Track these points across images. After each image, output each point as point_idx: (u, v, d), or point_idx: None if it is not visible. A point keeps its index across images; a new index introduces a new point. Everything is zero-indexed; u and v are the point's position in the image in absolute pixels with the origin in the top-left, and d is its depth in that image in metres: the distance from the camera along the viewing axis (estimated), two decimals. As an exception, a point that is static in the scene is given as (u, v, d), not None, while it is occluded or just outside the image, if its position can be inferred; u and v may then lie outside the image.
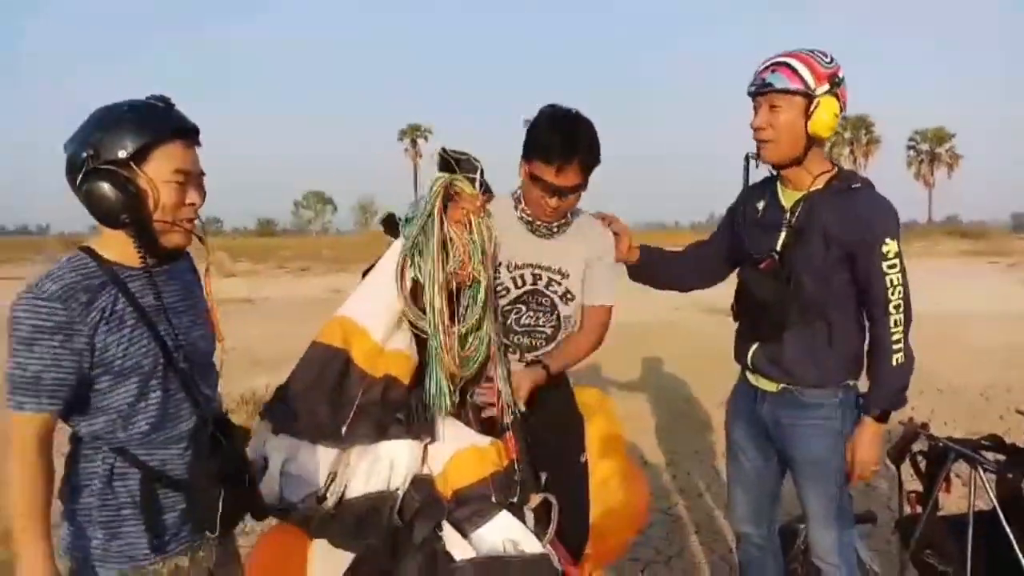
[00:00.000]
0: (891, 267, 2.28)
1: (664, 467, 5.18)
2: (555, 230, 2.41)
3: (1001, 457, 2.47)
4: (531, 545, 2.07)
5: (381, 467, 2.18)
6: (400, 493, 2.15)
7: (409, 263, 2.21)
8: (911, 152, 67.67)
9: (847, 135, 63.79)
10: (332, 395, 2.18)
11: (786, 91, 2.29)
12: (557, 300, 2.43)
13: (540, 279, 2.42)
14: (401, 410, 2.20)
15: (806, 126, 2.29)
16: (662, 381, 7.81)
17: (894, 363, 2.31)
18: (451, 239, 2.18)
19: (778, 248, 2.40)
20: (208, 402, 1.83)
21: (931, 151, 66.64)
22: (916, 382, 2.39)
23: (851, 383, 2.45)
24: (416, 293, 2.23)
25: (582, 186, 2.32)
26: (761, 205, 2.52)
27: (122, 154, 1.62)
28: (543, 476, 2.32)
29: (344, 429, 2.16)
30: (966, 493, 2.52)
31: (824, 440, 2.42)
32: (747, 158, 2.49)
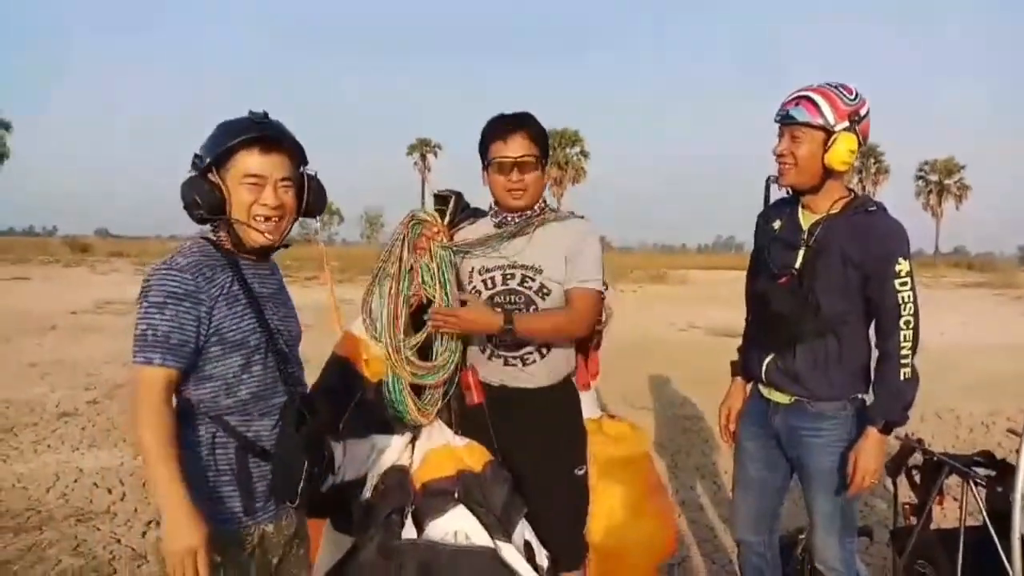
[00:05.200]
0: (903, 285, 2.39)
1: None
2: (526, 223, 2.51)
3: (992, 472, 2.56)
4: (481, 539, 2.27)
5: (372, 457, 2.45)
6: (371, 479, 2.42)
7: (375, 286, 2.52)
8: (920, 182, 67.81)
9: (856, 163, 63.90)
10: (336, 396, 2.50)
11: (807, 125, 2.41)
12: (532, 295, 2.49)
13: (512, 278, 2.50)
14: (389, 409, 2.48)
15: (823, 158, 2.42)
16: (668, 399, 7.90)
17: (902, 377, 2.39)
18: (410, 265, 2.48)
19: (797, 266, 2.52)
20: (297, 382, 2.02)
21: (940, 182, 66.69)
22: (917, 407, 2.47)
23: (860, 396, 2.54)
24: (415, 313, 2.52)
25: (537, 160, 2.48)
26: (778, 224, 2.64)
27: (208, 160, 1.86)
28: (509, 477, 2.44)
29: (340, 425, 2.45)
30: (959, 507, 2.63)
31: (834, 451, 2.50)
32: (768, 181, 2.63)
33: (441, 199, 2.64)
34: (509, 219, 2.53)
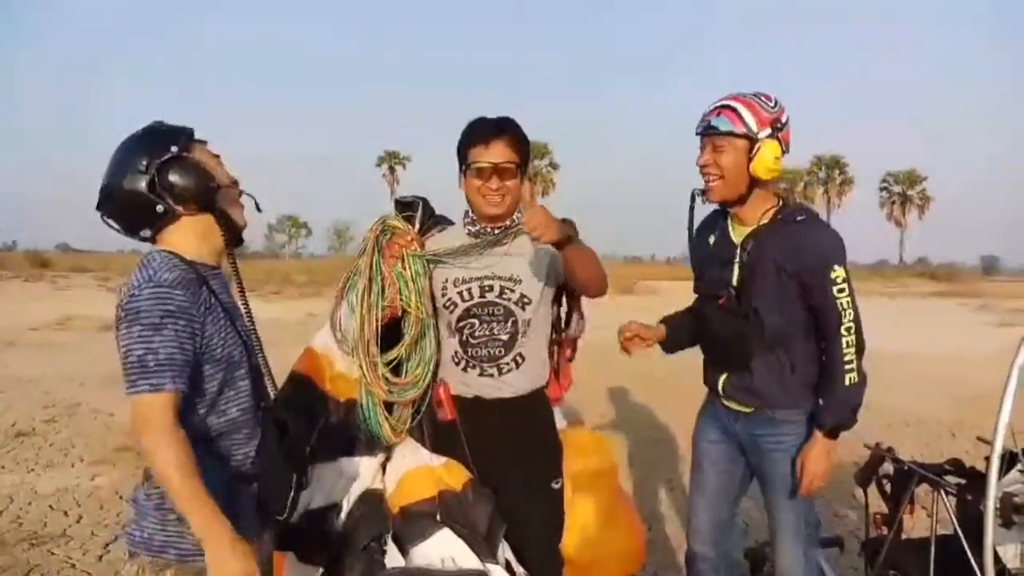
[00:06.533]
0: (840, 291, 2.37)
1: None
2: (501, 233, 2.43)
3: (962, 481, 2.54)
4: (470, 562, 2.18)
5: (342, 482, 2.33)
6: (347, 505, 2.29)
7: (344, 297, 2.38)
8: (884, 193, 68.77)
9: (821, 175, 64.69)
10: (301, 418, 2.35)
11: (730, 134, 2.38)
12: (512, 306, 2.43)
13: (491, 290, 2.42)
14: (360, 430, 2.37)
15: (749, 168, 2.39)
16: (637, 410, 7.87)
17: (847, 383, 2.40)
18: (381, 274, 2.35)
19: (734, 283, 2.50)
20: (269, 393, 1.96)
21: (903, 193, 67.72)
22: (885, 416, 2.50)
23: (817, 402, 2.52)
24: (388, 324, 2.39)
25: (517, 167, 2.39)
26: (712, 239, 2.62)
27: (174, 149, 1.80)
28: (491, 495, 2.37)
29: (308, 448, 2.31)
30: (928, 516, 2.60)
31: (794, 456, 2.49)
32: (693, 195, 2.56)
33: (405, 205, 2.54)
34: (488, 230, 2.44)
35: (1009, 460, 2.27)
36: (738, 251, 2.50)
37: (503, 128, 2.40)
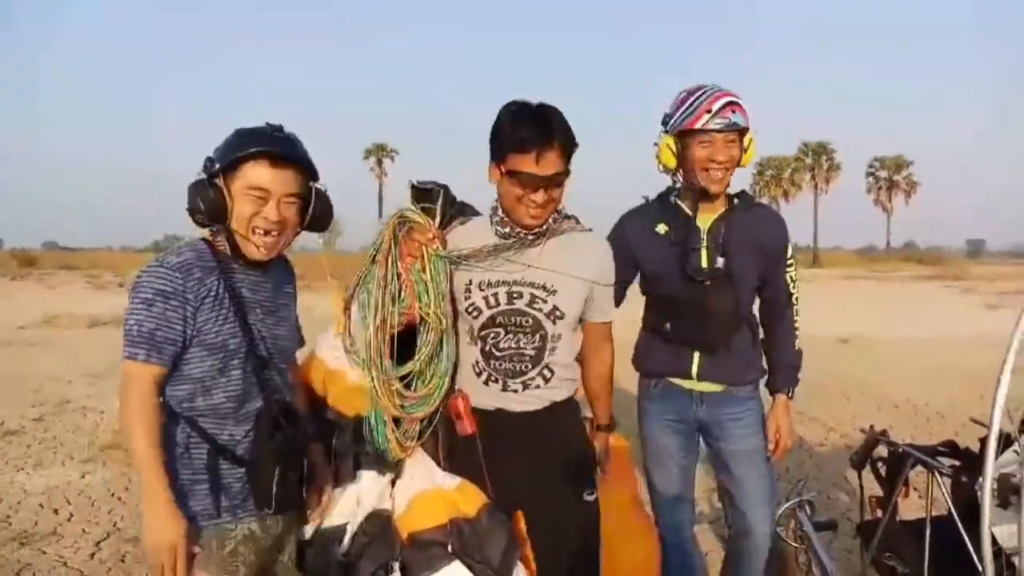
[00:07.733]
0: (790, 266, 2.68)
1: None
2: (535, 239, 2.19)
3: (957, 462, 2.54)
4: None
5: (348, 501, 2.18)
6: (351, 527, 2.14)
7: (355, 299, 2.14)
8: (870, 179, 68.91)
9: (808, 161, 64.74)
10: (300, 421, 2.18)
11: (743, 129, 2.49)
12: (543, 319, 2.19)
13: (519, 297, 2.18)
14: (368, 445, 2.21)
15: (740, 159, 2.55)
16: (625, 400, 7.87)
17: (796, 347, 2.72)
18: (398, 276, 2.09)
19: (703, 265, 2.54)
20: (276, 389, 1.99)
21: (890, 178, 67.88)
22: (873, 399, 2.51)
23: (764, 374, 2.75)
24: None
25: (565, 174, 2.12)
26: (663, 229, 2.61)
27: (217, 166, 1.87)
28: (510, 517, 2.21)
29: (303, 447, 2.15)
30: (920, 497, 2.61)
31: (758, 428, 2.67)
32: (695, 189, 2.55)
33: (423, 192, 2.20)
34: (521, 234, 2.18)
35: (1004, 441, 2.26)
36: (703, 235, 2.57)
37: (554, 135, 2.06)
